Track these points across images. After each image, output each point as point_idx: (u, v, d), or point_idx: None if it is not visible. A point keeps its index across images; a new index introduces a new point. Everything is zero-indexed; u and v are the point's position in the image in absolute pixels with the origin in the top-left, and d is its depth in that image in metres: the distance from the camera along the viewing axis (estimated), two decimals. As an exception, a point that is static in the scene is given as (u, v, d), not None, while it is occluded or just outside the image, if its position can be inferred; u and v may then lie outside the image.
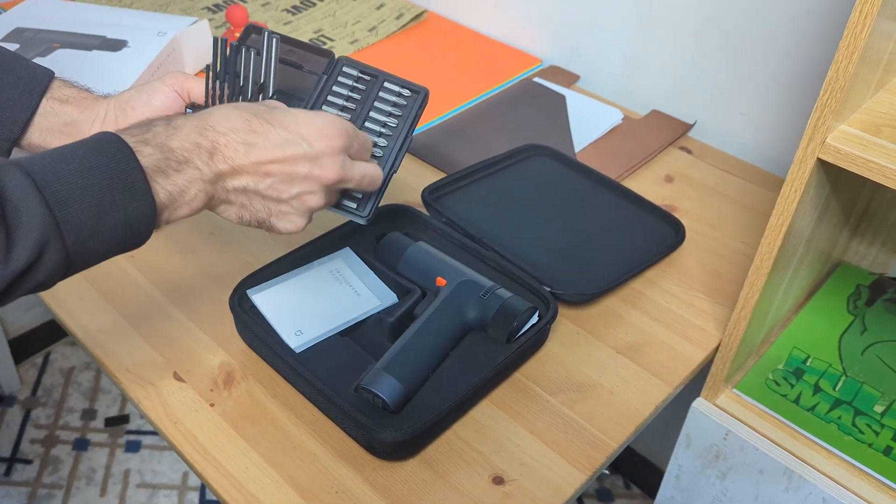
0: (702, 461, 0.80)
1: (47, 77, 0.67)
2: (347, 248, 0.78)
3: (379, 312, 0.72)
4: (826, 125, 0.56)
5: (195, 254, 0.83)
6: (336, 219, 0.86)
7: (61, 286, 0.77)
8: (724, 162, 1.00)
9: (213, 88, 0.65)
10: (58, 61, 0.98)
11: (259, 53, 0.65)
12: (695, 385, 0.76)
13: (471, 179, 0.90)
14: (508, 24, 1.21)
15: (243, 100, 0.66)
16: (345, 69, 0.68)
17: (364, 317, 0.72)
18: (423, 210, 0.85)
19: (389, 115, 0.67)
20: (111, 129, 0.66)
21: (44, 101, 0.66)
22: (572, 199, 0.90)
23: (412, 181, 0.94)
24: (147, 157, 0.51)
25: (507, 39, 1.23)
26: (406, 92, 0.69)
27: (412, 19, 1.25)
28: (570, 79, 1.14)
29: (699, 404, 0.77)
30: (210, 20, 1.21)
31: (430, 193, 0.86)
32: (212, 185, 0.54)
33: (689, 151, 1.02)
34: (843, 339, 0.81)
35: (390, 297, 0.73)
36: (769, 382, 0.77)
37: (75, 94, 0.68)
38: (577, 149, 1.00)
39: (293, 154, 0.56)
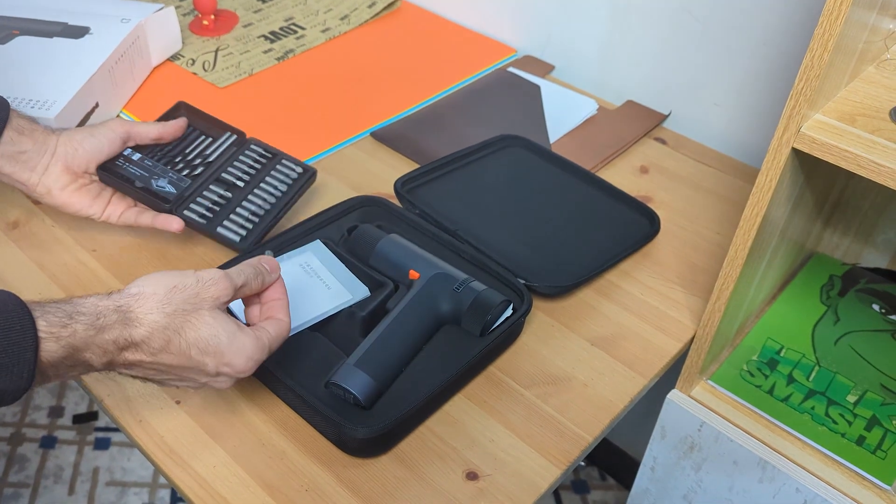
0: (677, 453, 0.79)
1: (6, 107, 0.71)
2: (318, 241, 0.77)
3: (350, 306, 0.70)
4: (801, 114, 0.56)
5: (161, 247, 0.81)
6: (306, 211, 0.85)
7: (25, 283, 0.75)
8: (698, 152, 1.00)
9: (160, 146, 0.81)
10: (17, 49, 0.94)
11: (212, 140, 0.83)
12: (670, 377, 0.76)
13: (444, 170, 0.89)
14: (483, 13, 1.20)
15: (183, 165, 0.80)
16: (252, 146, 0.84)
17: (335, 311, 0.70)
18: (396, 202, 0.84)
19: (281, 182, 0.82)
20: (59, 165, 0.74)
21: (5, 130, 0.70)
22: (547, 190, 0.89)
23: (384, 172, 0.92)
24: (50, 353, 0.50)
25: (482, 29, 1.21)
26: (299, 169, 0.84)
27: (385, 7, 1.23)
28: (544, 69, 1.13)
29: (674, 396, 0.76)
30: (177, 7, 1.18)
31: (403, 185, 0.85)
32: (99, 371, 0.55)
33: (663, 142, 1.01)
34: (816, 330, 0.81)
35: (362, 291, 0.72)
36: (743, 373, 0.77)
37: (28, 125, 0.73)
38: (551, 139, 0.99)
39: (196, 371, 0.57)
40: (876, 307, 0.83)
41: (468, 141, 0.94)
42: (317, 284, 0.72)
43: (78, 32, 0.97)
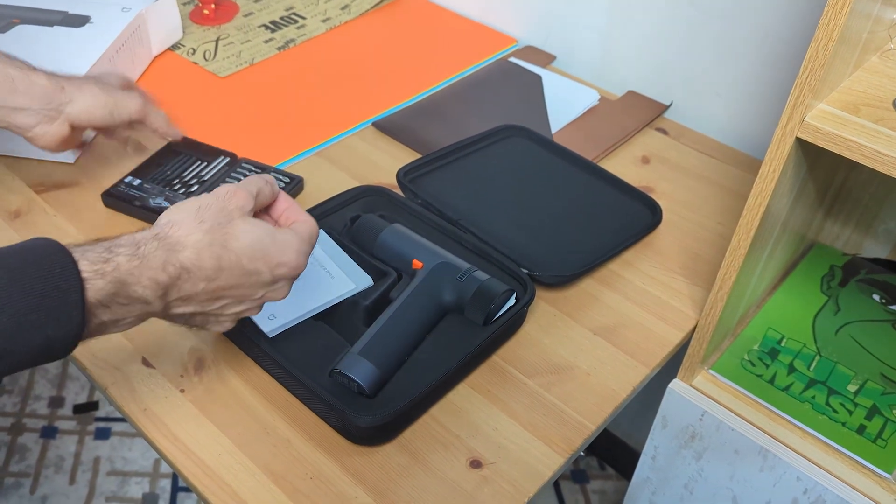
0: (678, 442, 0.80)
1: None
2: (321, 231, 0.77)
3: (354, 296, 0.70)
4: (805, 104, 0.56)
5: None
6: (309, 201, 0.85)
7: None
8: (700, 143, 1.00)
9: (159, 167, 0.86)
10: (18, 37, 0.94)
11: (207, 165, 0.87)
12: (671, 366, 0.76)
13: (446, 160, 0.89)
14: (484, 3, 1.20)
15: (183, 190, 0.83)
16: (243, 164, 0.88)
17: (339, 300, 0.70)
18: (399, 192, 0.84)
19: None
20: (65, 124, 0.74)
21: None
22: (549, 180, 0.89)
23: (387, 163, 0.92)
24: (97, 291, 0.48)
25: (483, 19, 1.21)
26: (286, 179, 0.87)
27: (386, -3, 1.23)
28: (546, 59, 1.13)
29: (675, 385, 0.77)
30: (177, -3, 1.18)
31: (406, 175, 0.85)
32: (154, 312, 0.54)
33: (665, 132, 1.01)
34: (816, 320, 0.82)
35: (365, 280, 0.72)
36: (745, 363, 0.77)
37: (24, 79, 0.73)
38: (553, 130, 0.99)
39: (253, 283, 0.56)
40: (876, 297, 0.84)
41: (470, 131, 0.94)
42: (320, 274, 0.72)
43: (78, 21, 0.97)
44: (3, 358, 0.45)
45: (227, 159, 0.88)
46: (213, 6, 1.15)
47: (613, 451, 1.45)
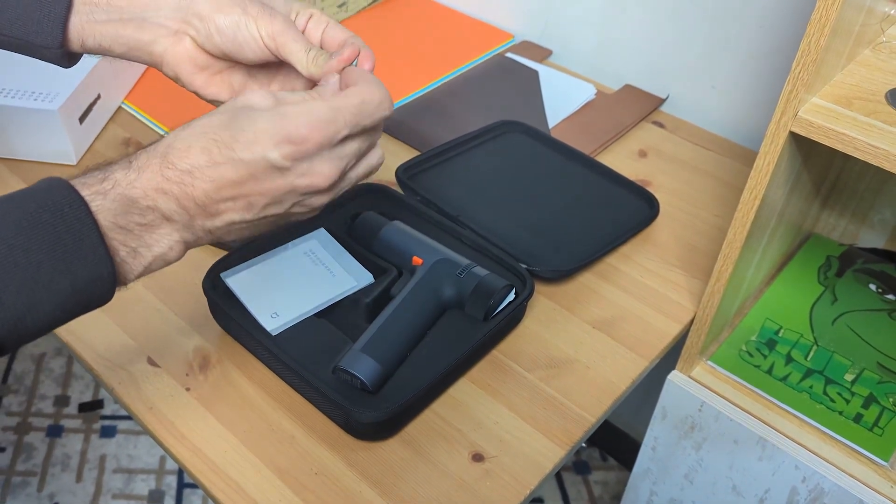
0: (677, 433, 0.81)
1: None
2: (322, 229, 0.77)
3: (355, 293, 0.71)
4: (798, 98, 0.56)
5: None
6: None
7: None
8: (696, 136, 1.01)
9: None
10: None
11: None
12: (670, 358, 0.77)
13: (445, 157, 0.90)
14: (480, -2, 1.20)
15: None
16: None
17: (340, 297, 0.71)
18: (398, 189, 0.85)
19: None
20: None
21: None
22: (547, 175, 0.90)
23: (386, 160, 0.92)
24: (105, 212, 0.44)
25: (480, 15, 1.21)
26: None
27: (382, -6, 1.23)
28: (542, 54, 1.13)
29: (674, 377, 0.78)
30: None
31: (405, 172, 0.86)
32: (189, 232, 0.48)
33: (661, 126, 1.02)
34: (814, 310, 0.82)
35: (366, 278, 0.73)
36: (742, 354, 0.78)
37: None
38: (550, 124, 0.99)
39: (265, 175, 0.47)
40: (873, 287, 0.85)
41: (468, 127, 0.95)
42: (321, 272, 0.73)
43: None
44: (31, 312, 0.42)
45: None
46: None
47: (615, 442, 1.46)
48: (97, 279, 0.44)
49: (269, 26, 0.55)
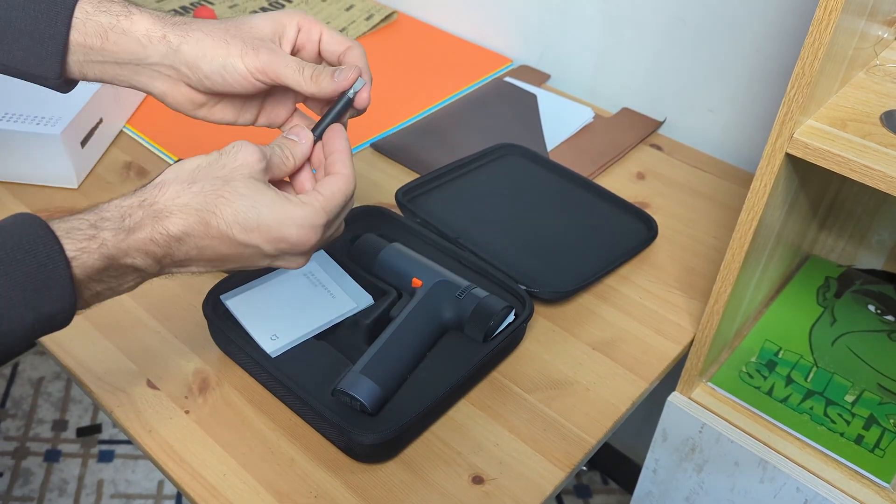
0: (678, 455, 0.80)
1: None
2: (321, 251, 0.78)
3: (355, 315, 0.71)
4: (793, 120, 0.57)
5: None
6: (309, 221, 0.86)
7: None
8: (694, 158, 1.01)
9: None
10: None
11: None
12: (670, 379, 0.77)
13: (444, 180, 0.90)
14: (479, 24, 1.22)
15: None
16: None
17: (340, 319, 0.71)
18: (398, 211, 0.85)
19: None
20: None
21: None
22: (545, 197, 0.90)
23: (385, 182, 0.93)
24: (86, 269, 0.46)
25: (478, 39, 1.23)
26: None
27: (382, 20, 1.25)
28: (540, 78, 1.15)
29: (674, 398, 0.77)
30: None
31: (404, 194, 0.86)
32: (151, 275, 0.51)
33: (659, 148, 1.03)
34: (813, 331, 0.82)
35: (366, 299, 0.73)
36: (742, 375, 0.78)
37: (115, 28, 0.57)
38: (549, 147, 1.00)
39: (252, 255, 0.52)
40: (871, 308, 0.85)
41: (467, 150, 0.95)
42: (321, 294, 0.73)
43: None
44: None
45: None
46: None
47: (615, 465, 1.45)
48: (59, 313, 0.46)
49: (255, 61, 0.56)
